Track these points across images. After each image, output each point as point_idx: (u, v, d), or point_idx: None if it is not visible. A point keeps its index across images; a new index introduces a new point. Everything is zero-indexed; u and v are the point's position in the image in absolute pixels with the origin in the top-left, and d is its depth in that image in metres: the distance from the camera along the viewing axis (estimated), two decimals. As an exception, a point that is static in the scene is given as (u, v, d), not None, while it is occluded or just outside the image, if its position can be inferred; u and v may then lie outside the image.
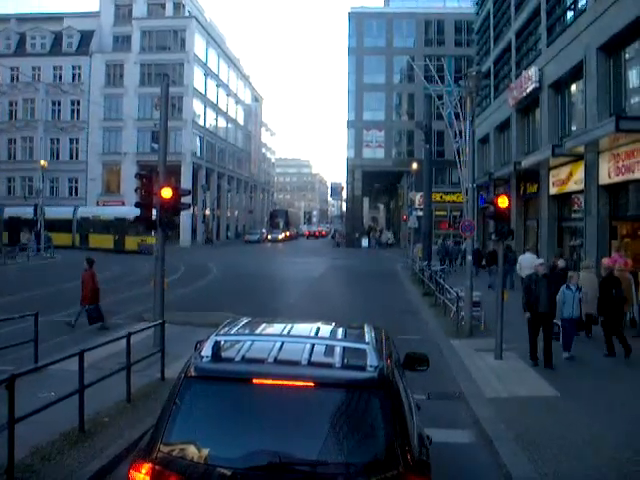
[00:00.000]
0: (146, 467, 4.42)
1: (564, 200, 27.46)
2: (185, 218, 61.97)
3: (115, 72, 71.36)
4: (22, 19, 75.13)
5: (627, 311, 16.50)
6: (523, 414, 10.02)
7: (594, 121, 21.57)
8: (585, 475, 7.64)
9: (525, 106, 32.58)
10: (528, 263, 23.27)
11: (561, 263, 18.22)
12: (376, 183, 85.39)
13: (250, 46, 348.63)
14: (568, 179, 25.65)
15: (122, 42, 72.24)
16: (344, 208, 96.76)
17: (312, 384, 4.60)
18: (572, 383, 11.83)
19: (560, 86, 27.57)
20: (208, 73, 76.28)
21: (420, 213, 43.71)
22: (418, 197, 51.96)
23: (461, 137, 34.26)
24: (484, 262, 29.83)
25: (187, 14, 73.09)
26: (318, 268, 41.20)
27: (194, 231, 70.98)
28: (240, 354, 4.99)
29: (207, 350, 4.96)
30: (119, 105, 69.42)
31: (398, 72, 72.91)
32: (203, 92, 74.36)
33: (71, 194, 71.02)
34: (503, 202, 14.23)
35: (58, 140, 70.94)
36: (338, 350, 5.09)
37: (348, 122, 73.25)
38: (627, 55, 21.18)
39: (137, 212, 14.93)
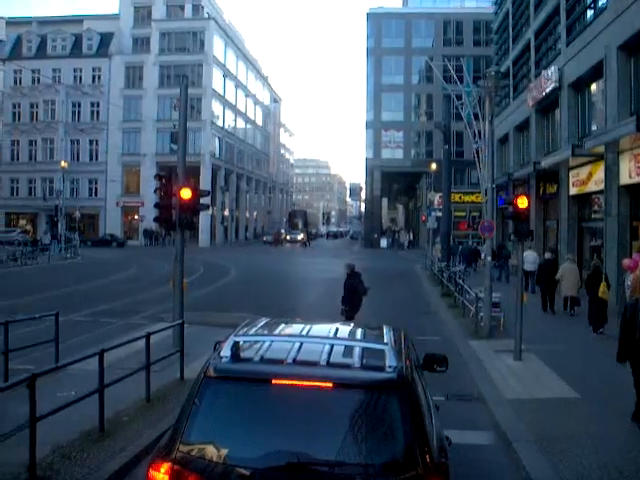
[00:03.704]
0: (165, 466, 4.44)
1: (584, 200, 27.25)
2: (204, 219, 62.25)
3: (134, 74, 71.92)
4: (43, 22, 76.11)
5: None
6: (543, 416, 9.94)
7: (614, 121, 21.39)
8: (606, 478, 7.56)
9: (544, 106, 32.37)
10: (530, 259, 23.95)
11: (547, 255, 23.32)
12: (395, 183, 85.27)
13: (269, 47, 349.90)
14: (588, 179, 25.45)
15: (141, 44, 72.80)
16: (363, 209, 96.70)
17: (331, 385, 4.60)
18: (593, 384, 11.71)
19: (580, 86, 27.36)
20: (227, 74, 76.55)
21: (439, 213, 43.58)
22: (437, 197, 51.76)
23: (480, 137, 34.13)
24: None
25: (206, 15, 73.37)
26: (337, 269, 41.04)
27: (213, 232, 71.26)
28: (259, 354, 5.00)
29: (226, 350, 4.98)
30: (138, 106, 69.84)
31: (417, 72, 72.72)
32: (222, 93, 74.68)
33: (91, 195, 71.70)
34: (522, 202, 14.16)
35: (78, 141, 71.58)
36: (357, 351, 5.09)
37: (367, 122, 73.16)
38: (648, 54, 20.99)
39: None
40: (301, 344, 5.19)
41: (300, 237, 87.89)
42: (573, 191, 27.43)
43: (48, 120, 71.10)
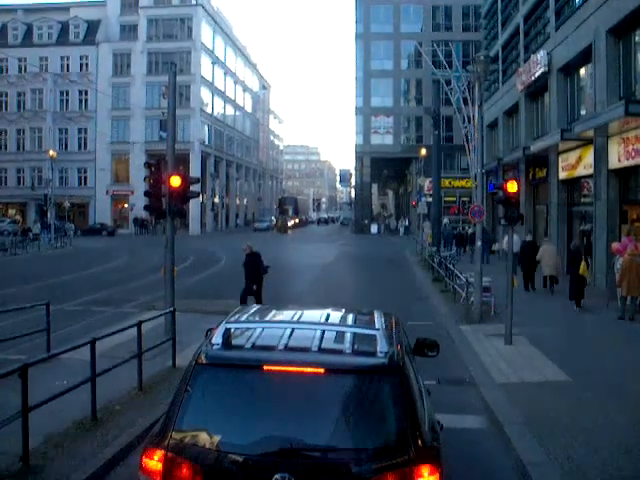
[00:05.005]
0: (158, 454, 4.46)
1: (574, 185, 27.33)
2: (194, 206, 62.10)
3: (122, 61, 71.45)
4: (29, 9, 75.40)
5: (638, 296, 16.54)
6: (534, 399, 10.00)
7: (603, 105, 21.43)
8: (596, 459, 7.62)
9: (534, 90, 32.36)
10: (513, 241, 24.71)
11: (528, 237, 24.68)
12: (385, 169, 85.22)
13: (257, 33, 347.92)
14: (577, 163, 25.52)
15: (129, 31, 72.29)
16: (353, 195, 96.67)
17: (322, 370, 4.61)
18: (584, 366, 11.80)
19: (569, 70, 27.37)
20: (215, 61, 76.17)
21: (429, 199, 43.64)
22: (427, 183, 51.81)
23: (470, 122, 34.04)
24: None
25: (193, 2, 72.75)
26: (327, 254, 41.17)
27: (203, 219, 71.10)
28: (250, 341, 5.02)
29: (218, 337, 4.99)
30: (127, 94, 69.30)
31: (406, 58, 72.40)
32: (211, 80, 74.31)
33: (80, 184, 71.36)
34: (512, 187, 14.18)
35: (66, 130, 71.20)
36: (348, 336, 5.11)
37: (356, 108, 72.90)
38: (637, 38, 20.99)
39: None
40: (292, 330, 5.20)
41: (291, 223, 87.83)
42: (562, 175, 27.49)
43: (36, 109, 70.55)
